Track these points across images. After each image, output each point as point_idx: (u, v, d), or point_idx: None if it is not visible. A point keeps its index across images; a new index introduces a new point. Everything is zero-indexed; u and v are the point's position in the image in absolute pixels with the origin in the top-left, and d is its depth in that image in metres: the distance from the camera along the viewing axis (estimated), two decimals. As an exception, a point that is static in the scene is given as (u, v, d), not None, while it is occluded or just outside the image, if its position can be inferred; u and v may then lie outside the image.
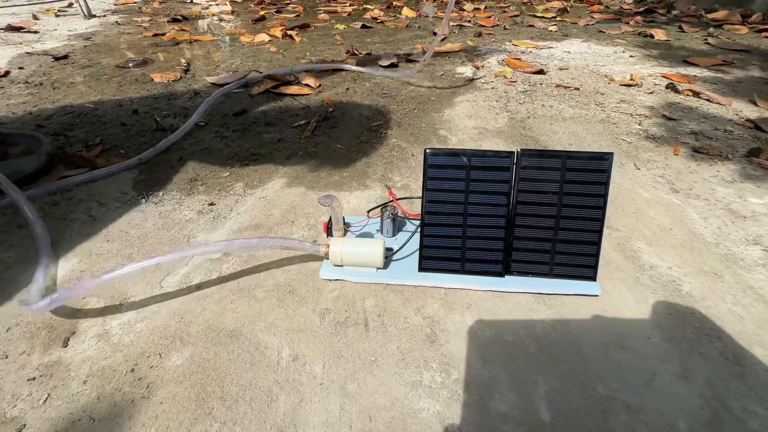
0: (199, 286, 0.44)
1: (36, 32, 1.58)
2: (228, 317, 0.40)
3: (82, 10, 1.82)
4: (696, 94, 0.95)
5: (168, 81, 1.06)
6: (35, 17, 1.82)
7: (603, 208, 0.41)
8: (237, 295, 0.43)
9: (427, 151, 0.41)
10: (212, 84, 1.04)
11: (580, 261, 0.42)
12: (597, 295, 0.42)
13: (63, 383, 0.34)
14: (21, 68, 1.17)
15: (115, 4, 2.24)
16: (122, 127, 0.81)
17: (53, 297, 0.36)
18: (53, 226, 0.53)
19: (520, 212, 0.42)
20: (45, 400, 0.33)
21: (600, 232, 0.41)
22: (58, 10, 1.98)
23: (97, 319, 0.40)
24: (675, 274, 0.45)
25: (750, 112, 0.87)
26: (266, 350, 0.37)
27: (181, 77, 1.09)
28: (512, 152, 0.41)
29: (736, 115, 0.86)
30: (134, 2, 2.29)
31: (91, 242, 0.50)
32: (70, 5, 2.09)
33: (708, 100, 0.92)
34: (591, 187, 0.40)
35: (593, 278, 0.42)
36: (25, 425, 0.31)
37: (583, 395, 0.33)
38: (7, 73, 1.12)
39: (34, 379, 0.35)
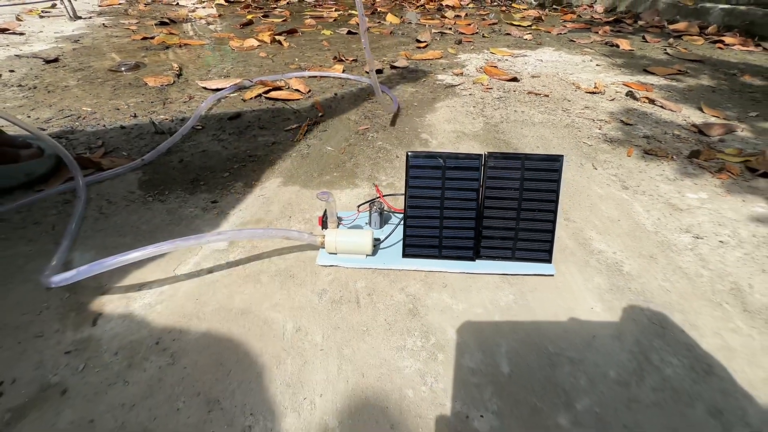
0: (210, 272, 0.49)
1: (22, 34, 1.59)
2: (237, 299, 0.46)
3: (67, 11, 1.83)
4: (651, 101, 1.05)
5: (162, 85, 1.10)
6: (19, 18, 1.81)
7: (556, 202, 0.49)
8: (244, 280, 0.49)
9: (409, 153, 0.48)
10: (205, 88, 1.09)
11: (538, 246, 0.50)
12: (552, 275, 0.50)
13: (96, 354, 0.40)
14: (12, 71, 1.18)
15: (99, 6, 2.23)
16: (122, 130, 0.85)
17: (79, 270, 0.42)
18: (67, 222, 0.57)
19: (488, 206, 0.49)
20: (82, 369, 0.38)
21: (554, 222, 0.49)
22: (42, 11, 1.97)
23: (120, 302, 0.45)
24: (618, 257, 0.54)
25: (696, 117, 0.97)
26: (273, 324, 0.43)
27: (174, 82, 1.13)
28: (481, 155, 0.48)
29: (685, 120, 0.96)
30: (119, 4, 2.29)
31: (105, 237, 0.55)
32: (54, 6, 2.08)
33: (661, 106, 1.03)
34: (546, 183, 0.48)
35: (549, 261, 0.50)
36: (67, 389, 0.37)
37: (536, 353, 0.41)
38: (-2, 75, 1.14)
39: (69, 352, 0.40)
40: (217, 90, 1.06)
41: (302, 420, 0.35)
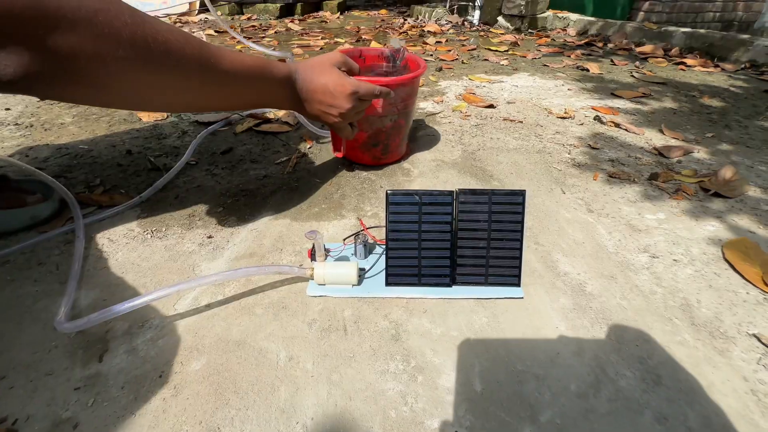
0: (208, 307, 0.53)
1: (15, 70, 1.63)
2: (234, 330, 0.50)
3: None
4: (617, 125, 1.14)
5: (155, 120, 1.15)
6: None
7: (521, 231, 0.54)
8: (240, 313, 0.53)
9: (388, 192, 0.54)
10: (197, 122, 1.14)
11: (508, 272, 0.55)
12: (521, 298, 0.55)
13: (104, 389, 0.43)
14: (8, 109, 1.22)
15: (91, 39, 2.29)
16: (118, 167, 0.89)
17: (90, 317, 0.45)
18: (71, 262, 0.61)
19: (461, 236, 0.54)
20: (92, 403, 0.42)
21: (520, 249, 0.55)
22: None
23: (124, 338, 0.49)
24: (582, 278, 0.59)
25: (657, 140, 1.06)
26: (267, 354, 0.47)
27: (167, 116, 1.18)
28: (452, 191, 0.54)
29: (647, 143, 1.04)
30: (110, 36, 2.35)
31: (107, 275, 0.59)
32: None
33: (626, 130, 1.11)
34: (511, 215, 0.54)
35: (518, 285, 0.55)
36: (78, 423, 0.40)
37: (505, 371, 0.45)
38: (-6, 114, 1.17)
39: (79, 388, 0.43)
40: (210, 124, 1.11)
41: (295, 442, 0.39)
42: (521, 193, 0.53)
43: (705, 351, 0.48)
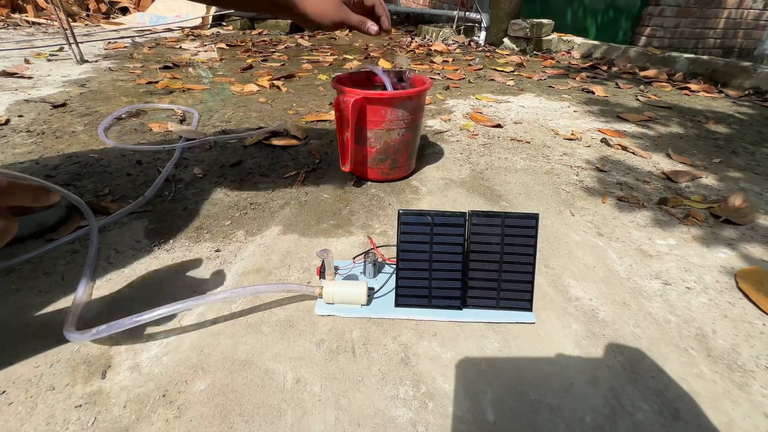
0: (214, 323, 0.52)
1: (30, 78, 1.65)
2: (240, 349, 0.49)
3: (74, 55, 1.91)
4: (624, 148, 1.14)
5: (166, 131, 1.15)
6: (27, 62, 1.89)
7: (534, 255, 0.53)
8: (246, 330, 0.52)
9: (400, 211, 0.53)
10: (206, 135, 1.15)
11: (519, 296, 0.54)
12: (533, 323, 0.54)
13: (106, 408, 0.42)
14: (21, 116, 1.24)
15: (105, 49, 2.34)
16: (128, 177, 0.90)
17: (98, 329, 0.44)
18: (77, 272, 0.60)
19: (473, 259, 0.54)
20: (92, 423, 0.41)
21: (533, 273, 0.54)
22: (50, 55, 2.06)
23: (128, 354, 0.48)
24: (594, 304, 0.58)
25: (665, 164, 1.06)
26: (274, 375, 0.46)
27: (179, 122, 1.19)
28: (465, 213, 0.53)
29: (654, 167, 1.04)
30: (124, 47, 2.40)
31: (114, 287, 0.58)
32: (61, 49, 2.17)
33: (633, 153, 1.11)
34: (524, 239, 0.53)
35: (530, 309, 0.54)
36: (78, 443, 0.39)
37: (519, 400, 0.44)
38: (7, 121, 1.19)
39: (80, 406, 0.42)
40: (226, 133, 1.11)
41: (302, 471, 0.37)
42: (534, 217, 0.53)
43: (723, 385, 0.47)
